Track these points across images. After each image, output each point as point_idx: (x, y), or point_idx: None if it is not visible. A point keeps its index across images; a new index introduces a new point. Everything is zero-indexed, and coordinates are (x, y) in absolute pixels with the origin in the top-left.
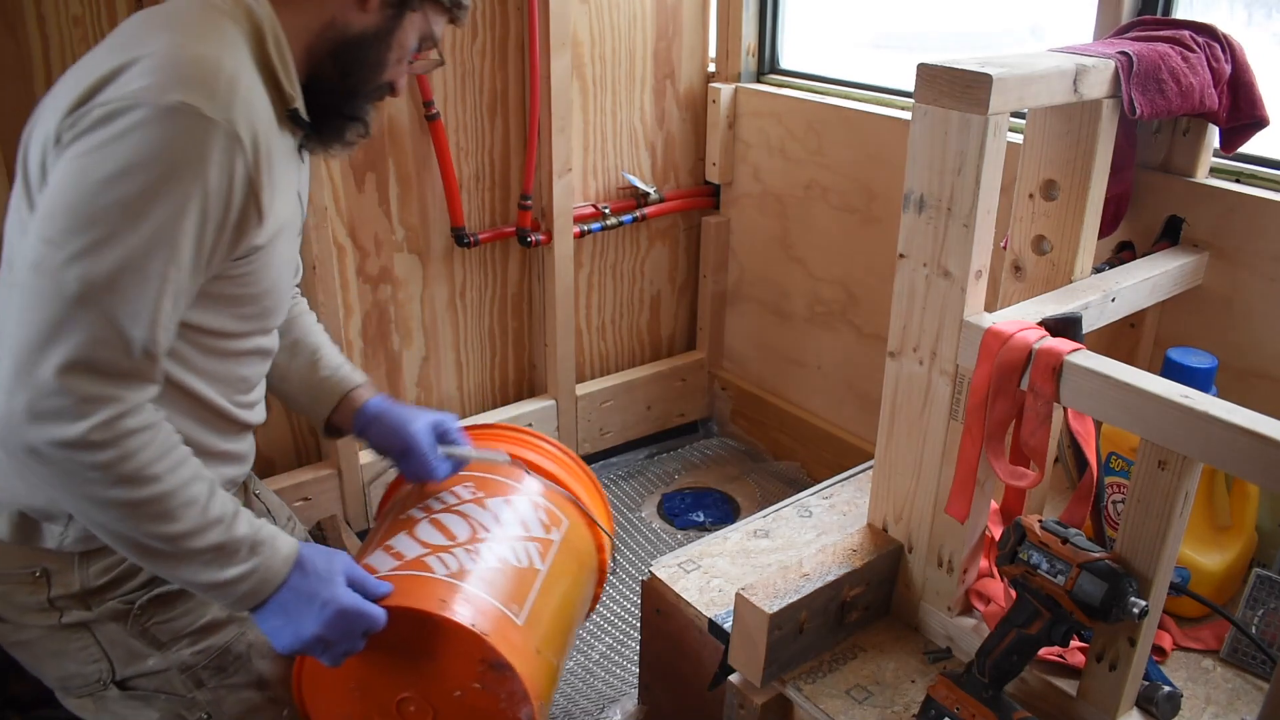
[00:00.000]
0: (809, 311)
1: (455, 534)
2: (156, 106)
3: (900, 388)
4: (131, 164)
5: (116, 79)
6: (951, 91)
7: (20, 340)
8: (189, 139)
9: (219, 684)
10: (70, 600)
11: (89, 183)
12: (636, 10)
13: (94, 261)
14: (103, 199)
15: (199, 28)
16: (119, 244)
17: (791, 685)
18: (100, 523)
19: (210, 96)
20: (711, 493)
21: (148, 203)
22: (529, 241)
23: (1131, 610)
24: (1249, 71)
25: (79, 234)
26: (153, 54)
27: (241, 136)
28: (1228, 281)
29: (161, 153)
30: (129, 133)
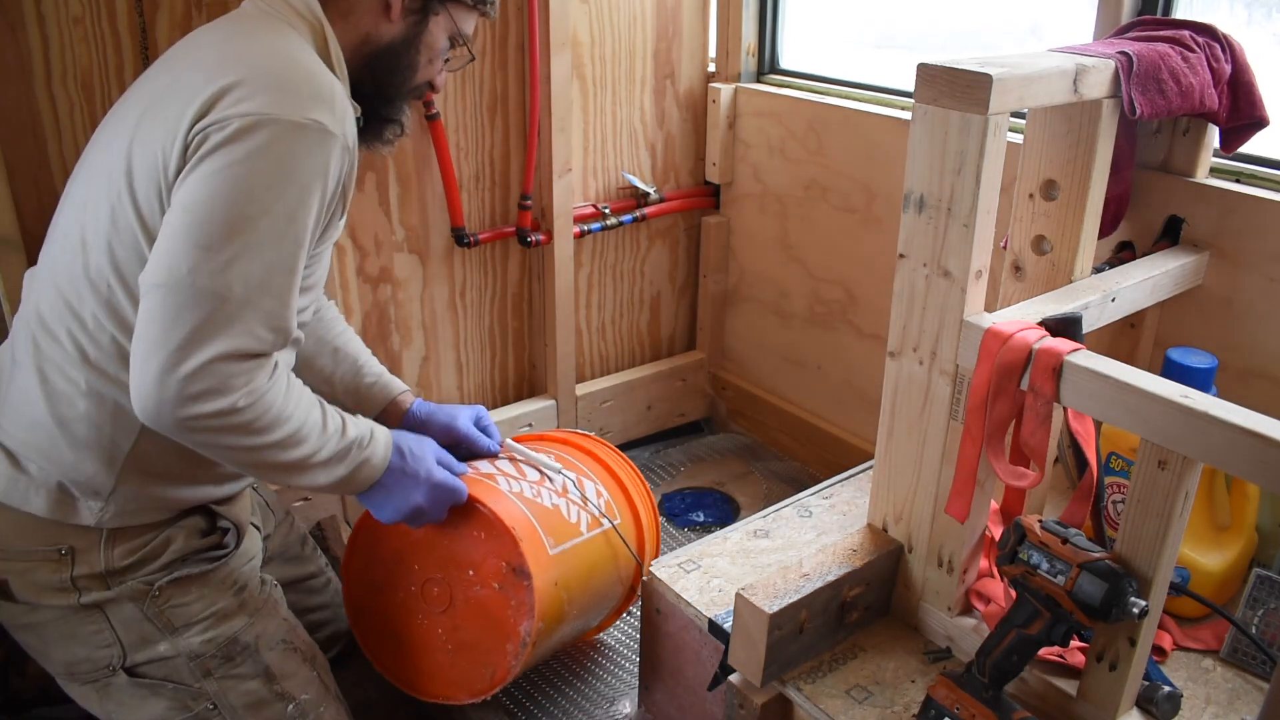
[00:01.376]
0: (809, 311)
1: (525, 474)
2: (292, 122)
3: (900, 388)
4: (275, 175)
5: (235, 92)
6: (951, 91)
7: (175, 336)
8: (319, 151)
9: (226, 674)
10: (92, 580)
11: (239, 193)
12: (636, 10)
13: (250, 264)
14: (252, 208)
15: (290, 44)
16: (270, 248)
17: (791, 685)
18: (237, 461)
19: (330, 112)
20: (711, 493)
21: (291, 209)
22: (529, 241)
23: (1131, 610)
24: (1249, 71)
25: (233, 240)
26: (269, 69)
27: (350, 147)
28: (1228, 281)
29: (300, 164)
30: (269, 146)
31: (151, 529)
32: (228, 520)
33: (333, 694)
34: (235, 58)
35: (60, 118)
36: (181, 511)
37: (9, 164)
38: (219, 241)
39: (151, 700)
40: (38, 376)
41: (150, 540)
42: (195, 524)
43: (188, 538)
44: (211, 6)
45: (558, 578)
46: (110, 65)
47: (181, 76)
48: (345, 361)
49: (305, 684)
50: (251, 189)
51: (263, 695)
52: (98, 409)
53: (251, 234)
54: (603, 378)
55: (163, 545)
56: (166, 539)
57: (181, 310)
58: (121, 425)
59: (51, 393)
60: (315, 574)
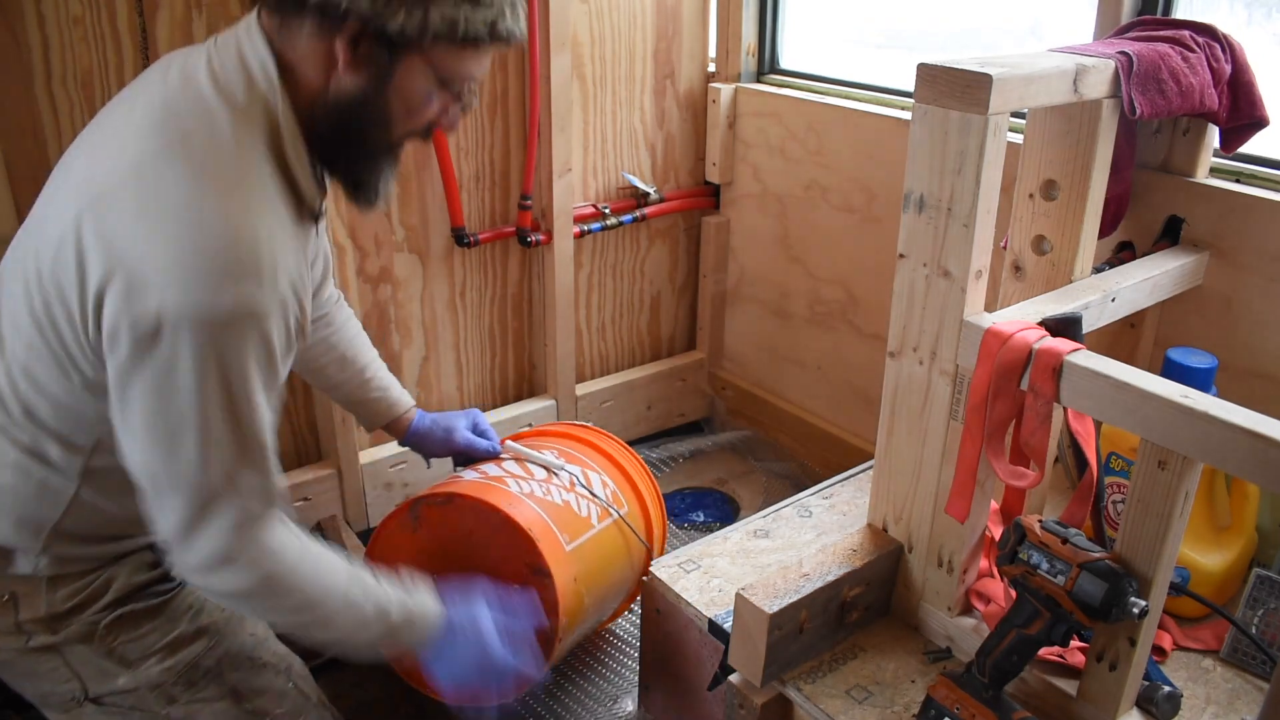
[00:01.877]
0: (809, 311)
1: (533, 474)
2: (213, 320)
3: (900, 388)
4: (214, 376)
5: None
6: (951, 91)
7: (172, 521)
8: (251, 336)
9: (191, 699)
10: (37, 624)
11: (182, 402)
12: (636, 10)
13: (220, 453)
14: (203, 410)
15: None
16: (235, 432)
17: (791, 685)
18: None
19: (258, 280)
20: (711, 492)
21: (244, 395)
22: (529, 241)
23: (1131, 610)
24: (1249, 71)
25: (192, 443)
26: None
27: (288, 299)
28: (1228, 281)
29: (235, 356)
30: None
31: (91, 569)
32: None
33: (313, 701)
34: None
35: (60, 118)
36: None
37: (9, 164)
38: (180, 447)
39: None
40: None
41: (91, 582)
42: (141, 559)
43: (131, 573)
44: (211, 7)
45: (576, 573)
46: (110, 65)
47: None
48: (351, 370)
49: (279, 698)
50: (194, 395)
51: (234, 715)
52: (24, 484)
53: (211, 431)
54: (602, 378)
55: (104, 586)
56: (108, 579)
57: (168, 500)
58: (47, 500)
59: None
60: None
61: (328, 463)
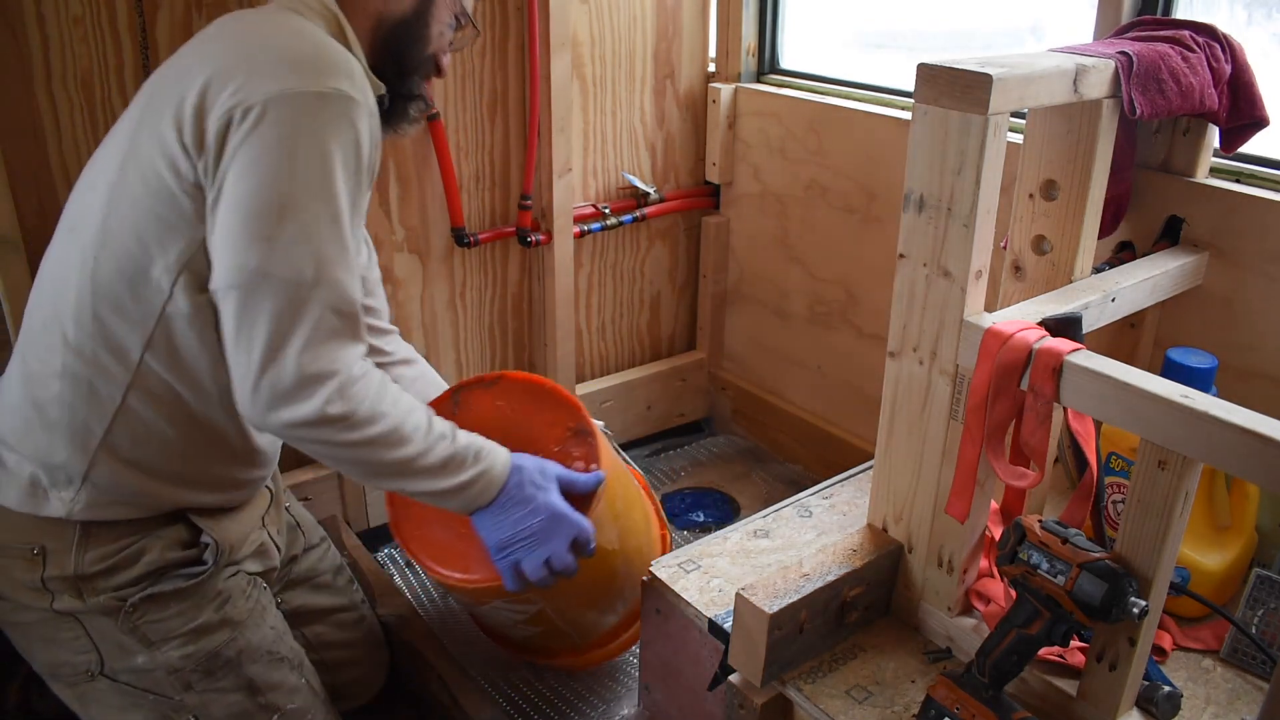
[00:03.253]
0: (809, 311)
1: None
2: (314, 93)
3: (900, 388)
4: (311, 150)
5: (251, 73)
6: (951, 91)
7: (258, 337)
8: (345, 118)
9: (207, 687)
10: (62, 584)
11: (281, 176)
12: (636, 10)
13: (311, 243)
14: (297, 188)
15: (303, 26)
16: (324, 223)
17: (791, 685)
18: (344, 461)
19: (350, 80)
20: (711, 493)
21: (333, 180)
22: (529, 241)
23: (1131, 610)
24: (1249, 71)
25: (288, 224)
26: (283, 46)
27: (374, 113)
28: (1228, 281)
29: (331, 134)
30: (297, 122)
31: (125, 535)
32: (210, 537)
33: (321, 699)
34: (246, 41)
35: (60, 118)
36: (160, 521)
37: (9, 164)
38: (276, 228)
39: (132, 711)
40: (19, 360)
41: (123, 548)
42: (174, 535)
43: (164, 549)
44: (211, 7)
45: (611, 480)
46: (110, 65)
47: (192, 65)
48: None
49: (291, 693)
50: (293, 169)
51: (246, 707)
52: (71, 390)
53: (304, 213)
54: (603, 378)
55: (136, 555)
56: (140, 549)
57: (260, 304)
58: (95, 409)
59: (28, 375)
60: (346, 608)
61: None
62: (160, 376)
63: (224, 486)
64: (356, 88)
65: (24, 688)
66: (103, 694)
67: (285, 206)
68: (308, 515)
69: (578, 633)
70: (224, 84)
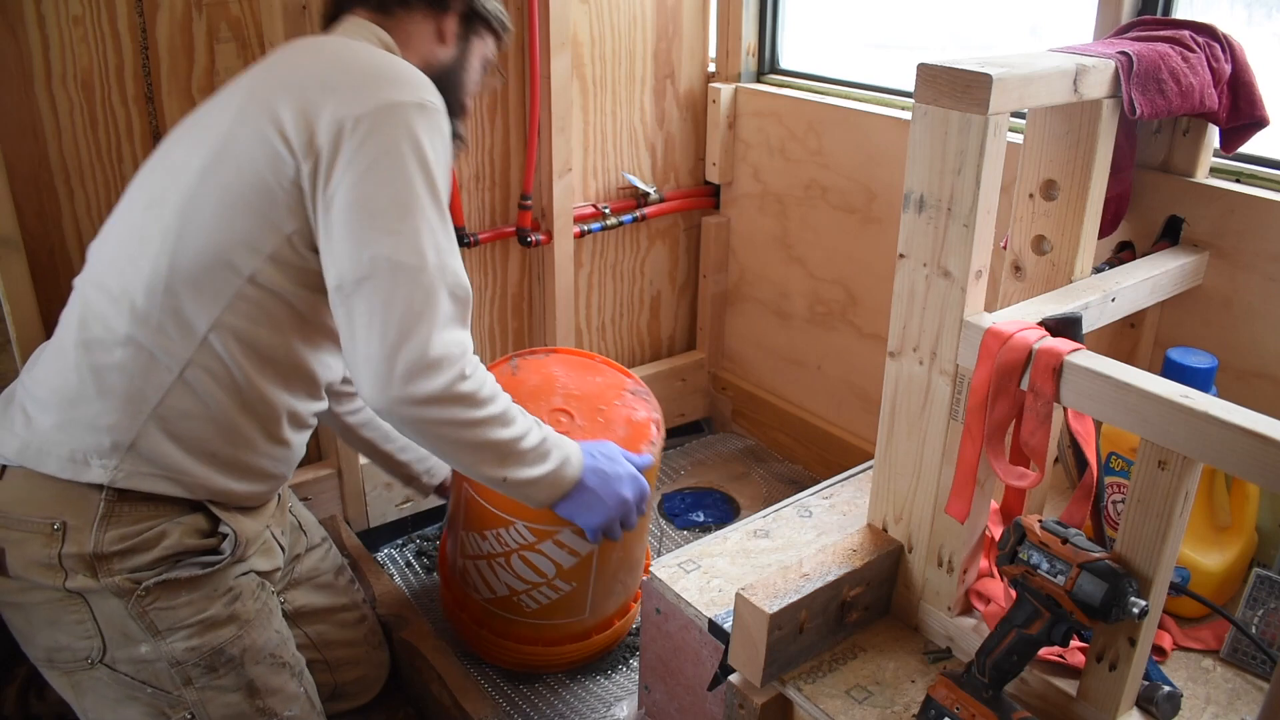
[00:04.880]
0: (809, 311)
1: None
2: (416, 104)
3: (900, 388)
4: (420, 153)
5: (358, 90)
6: (951, 91)
7: (391, 323)
8: (440, 127)
9: (207, 684)
10: (79, 562)
11: (398, 176)
12: (636, 10)
13: (431, 234)
14: (413, 186)
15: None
16: (436, 217)
17: (791, 685)
18: (459, 442)
19: (435, 93)
20: (712, 493)
21: (437, 180)
22: (529, 241)
23: (1131, 610)
24: (1249, 71)
25: (409, 218)
26: (378, 64)
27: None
28: (1228, 281)
29: (432, 139)
30: (407, 128)
31: (147, 517)
32: (230, 528)
33: (317, 710)
34: (340, 58)
35: (60, 118)
36: (183, 508)
37: (9, 164)
38: (399, 223)
39: (128, 704)
40: (78, 326)
41: (144, 530)
42: (194, 523)
43: (183, 535)
44: (211, 7)
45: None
46: (110, 65)
47: (290, 74)
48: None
49: (289, 700)
50: (407, 170)
51: (243, 709)
52: (133, 358)
53: (420, 210)
54: None
55: (156, 538)
56: (161, 532)
57: (393, 292)
58: (152, 378)
59: (89, 340)
60: (347, 607)
61: (327, 462)
62: (219, 356)
63: (254, 476)
64: (439, 101)
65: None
66: (100, 683)
67: (405, 204)
68: (309, 515)
69: (595, 598)
70: (329, 94)
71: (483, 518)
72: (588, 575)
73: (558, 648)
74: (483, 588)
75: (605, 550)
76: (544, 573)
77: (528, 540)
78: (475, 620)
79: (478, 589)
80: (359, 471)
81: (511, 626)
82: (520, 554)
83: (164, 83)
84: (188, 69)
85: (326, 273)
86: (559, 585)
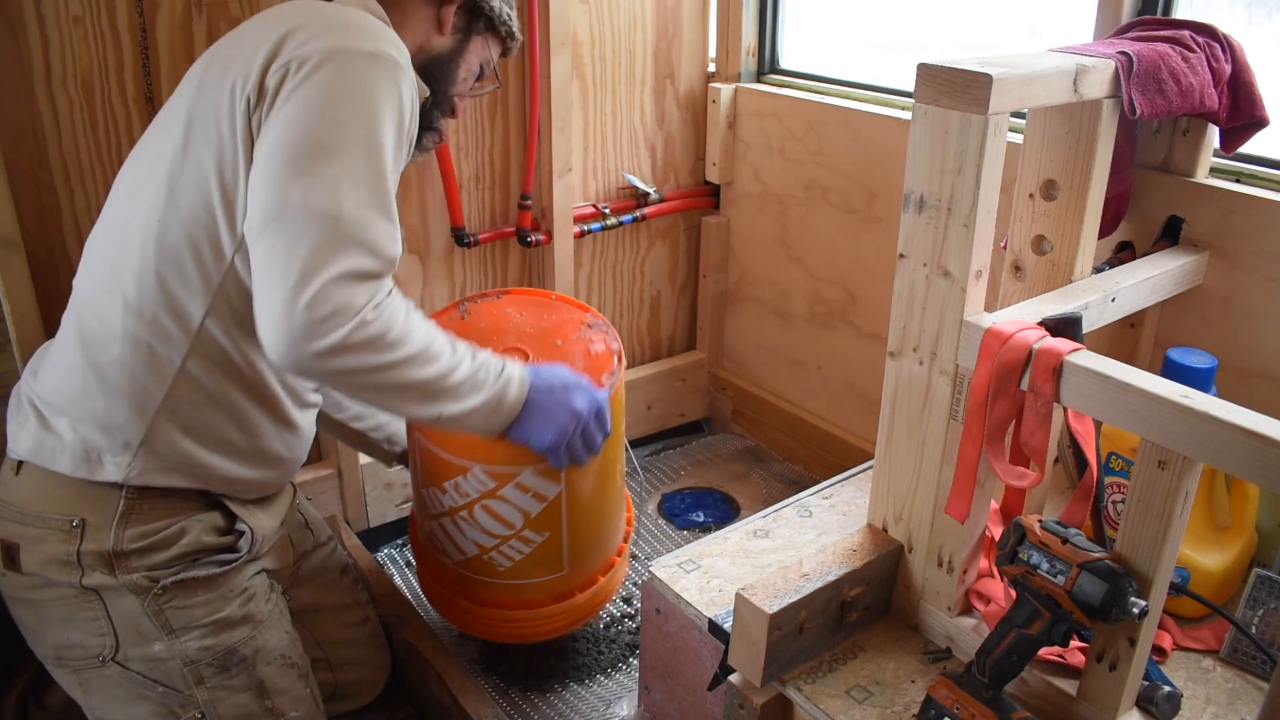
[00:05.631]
0: (809, 311)
1: None
2: (365, 51)
3: (900, 388)
4: (357, 97)
5: (305, 31)
6: (951, 91)
7: (294, 266)
8: (391, 78)
9: (219, 684)
10: (97, 559)
11: (326, 118)
12: (636, 10)
13: (352, 183)
14: (342, 131)
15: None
16: (366, 168)
17: (791, 685)
18: (376, 387)
19: (398, 50)
20: (712, 493)
21: (377, 130)
22: (529, 241)
23: (1131, 610)
24: (1249, 71)
25: (332, 162)
26: (337, 15)
27: (414, 87)
28: (1228, 281)
29: (377, 87)
30: (346, 71)
31: (166, 514)
32: (246, 525)
33: (321, 711)
34: (308, 12)
35: (60, 118)
36: (200, 505)
37: (9, 164)
38: (318, 165)
39: (138, 703)
40: (75, 325)
41: (164, 527)
42: (212, 520)
43: (202, 533)
44: (211, 7)
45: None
46: (110, 65)
47: (252, 35)
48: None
49: (297, 701)
50: (338, 113)
51: (252, 710)
52: (132, 353)
53: (346, 156)
54: None
55: (176, 535)
56: (181, 529)
57: (297, 237)
58: (155, 372)
59: (87, 339)
60: (351, 606)
61: (327, 463)
62: (219, 343)
63: (267, 461)
64: (403, 57)
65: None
66: (110, 682)
67: (329, 147)
68: (316, 513)
69: (573, 550)
70: (286, 44)
71: (439, 468)
72: (559, 523)
73: (540, 609)
74: (452, 550)
75: (574, 492)
76: (511, 523)
77: (488, 486)
78: (451, 589)
79: (447, 552)
80: (359, 471)
81: (489, 591)
82: (483, 504)
83: (164, 83)
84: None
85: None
86: (529, 537)
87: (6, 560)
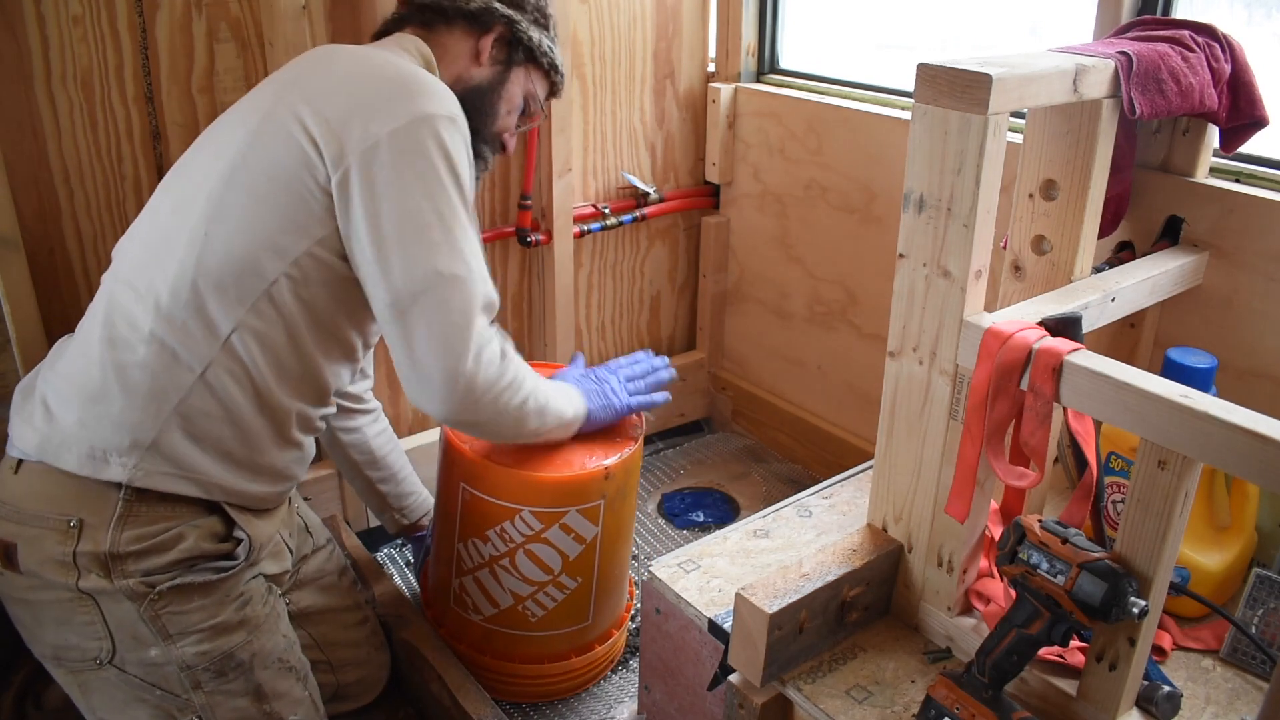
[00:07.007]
0: (809, 311)
1: None
2: (443, 116)
3: (900, 388)
4: (449, 165)
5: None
6: (951, 91)
7: (450, 331)
8: (462, 139)
9: (216, 688)
10: (93, 561)
11: (432, 189)
12: (636, 10)
13: (466, 242)
14: (446, 198)
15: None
16: (467, 225)
17: (791, 685)
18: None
19: (457, 106)
20: (711, 492)
21: (463, 189)
22: (529, 241)
23: (1131, 610)
24: (1249, 71)
25: (449, 229)
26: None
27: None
28: (1228, 281)
29: (457, 151)
30: (437, 142)
31: (164, 519)
32: (244, 532)
33: (321, 714)
34: (370, 67)
35: (60, 118)
36: (199, 510)
37: (9, 164)
38: (441, 234)
39: (136, 706)
40: (103, 323)
41: (161, 532)
42: (210, 526)
43: (199, 539)
44: (211, 7)
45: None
46: (110, 65)
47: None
48: (387, 472)
49: (295, 704)
50: (444, 182)
51: (251, 714)
52: (156, 356)
53: (455, 219)
54: None
55: (173, 540)
56: (178, 534)
57: (447, 306)
58: (174, 377)
59: (114, 338)
60: (350, 608)
61: (327, 463)
62: (240, 358)
63: (269, 476)
64: (458, 110)
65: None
66: (107, 684)
67: (443, 216)
68: (315, 517)
69: (598, 597)
70: (356, 105)
71: (485, 516)
72: (591, 567)
73: (562, 663)
74: (484, 604)
75: (607, 534)
76: (550, 567)
77: (534, 529)
78: (475, 647)
79: (478, 608)
80: None
81: (515, 645)
82: (525, 549)
83: (164, 83)
84: (187, 69)
85: (374, 289)
86: (564, 582)
87: (4, 560)
